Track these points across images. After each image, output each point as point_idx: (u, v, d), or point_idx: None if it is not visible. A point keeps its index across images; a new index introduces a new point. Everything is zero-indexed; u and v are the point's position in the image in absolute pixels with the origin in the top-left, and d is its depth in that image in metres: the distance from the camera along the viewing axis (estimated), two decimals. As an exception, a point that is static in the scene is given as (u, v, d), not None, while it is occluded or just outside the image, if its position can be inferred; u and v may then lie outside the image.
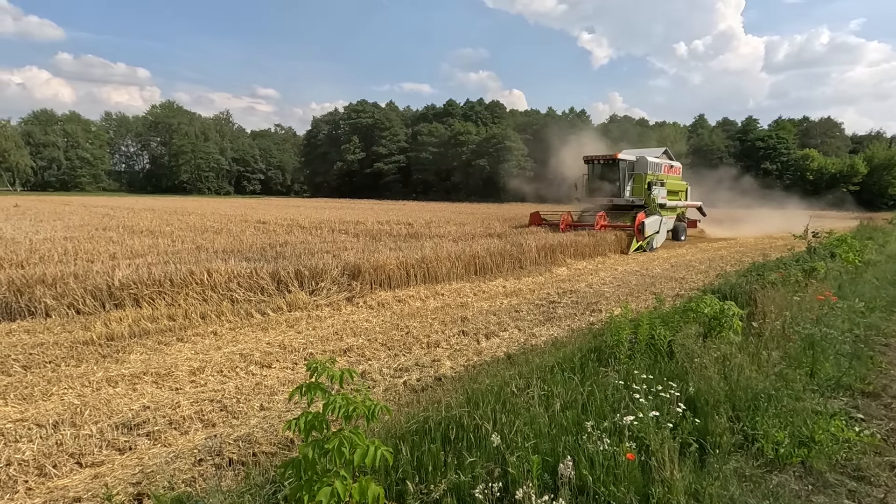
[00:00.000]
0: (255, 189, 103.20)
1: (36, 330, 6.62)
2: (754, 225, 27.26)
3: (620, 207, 18.95)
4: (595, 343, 5.06)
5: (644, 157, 19.42)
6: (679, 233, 21.02)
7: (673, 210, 20.85)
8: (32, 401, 4.53)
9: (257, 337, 6.54)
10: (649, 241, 16.86)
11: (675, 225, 21.02)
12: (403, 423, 3.23)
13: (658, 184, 19.07)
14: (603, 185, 19.40)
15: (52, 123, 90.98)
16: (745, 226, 26.97)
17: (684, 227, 21.84)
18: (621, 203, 18.93)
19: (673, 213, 20.83)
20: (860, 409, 3.92)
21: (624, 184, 18.80)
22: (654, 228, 17.16)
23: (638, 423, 2.97)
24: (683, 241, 20.75)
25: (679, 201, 21.60)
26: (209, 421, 4.22)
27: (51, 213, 24.95)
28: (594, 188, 19.71)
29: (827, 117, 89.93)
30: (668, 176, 20.59)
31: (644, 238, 16.50)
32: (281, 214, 27.31)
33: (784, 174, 77.85)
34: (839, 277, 8.80)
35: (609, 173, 19.19)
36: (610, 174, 19.14)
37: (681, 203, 21.80)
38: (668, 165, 21.04)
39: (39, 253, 10.11)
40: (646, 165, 19.15)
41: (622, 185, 18.79)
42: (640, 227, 16.43)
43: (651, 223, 16.88)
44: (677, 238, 20.79)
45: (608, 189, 19.25)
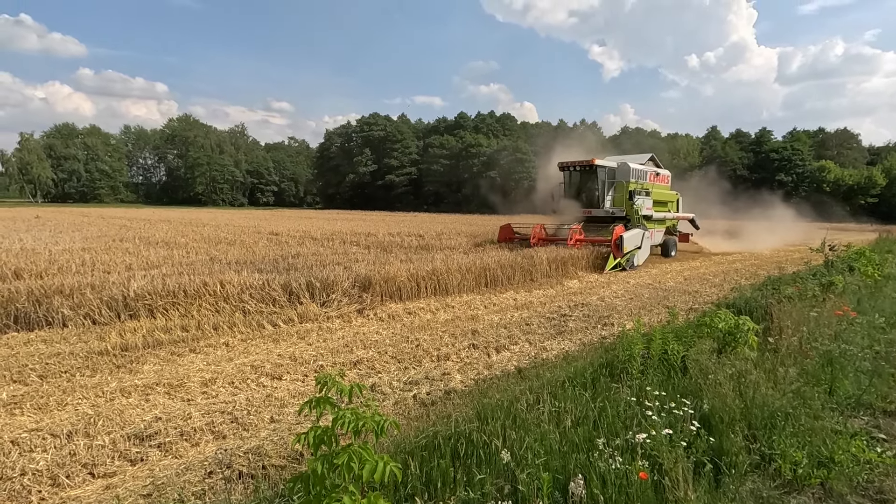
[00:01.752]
0: (268, 201, 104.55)
1: (53, 340, 6.73)
2: (762, 237, 25.65)
3: (600, 219, 17.12)
4: (607, 358, 5.00)
5: (626, 163, 17.55)
6: (669, 248, 19.22)
7: (661, 222, 19.14)
8: (48, 410, 4.60)
9: (268, 348, 6.58)
10: (629, 257, 14.89)
11: (665, 239, 19.41)
12: (413, 438, 3.21)
13: (642, 193, 17.34)
14: (581, 195, 17.52)
15: (72, 137, 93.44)
16: (752, 239, 25.13)
17: (674, 242, 19.97)
18: (600, 215, 17.08)
19: (661, 226, 19.18)
20: (882, 429, 3.80)
21: (603, 193, 17.01)
22: (634, 243, 15.16)
23: (651, 441, 2.92)
24: (674, 256, 19.07)
25: (668, 213, 19.74)
26: (220, 433, 4.24)
27: (70, 225, 25.49)
28: (571, 198, 17.77)
29: (843, 128, 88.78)
30: (654, 185, 18.72)
31: (623, 254, 14.52)
32: (293, 226, 27.59)
33: (800, 186, 76.79)
34: (858, 292, 8.61)
35: (587, 182, 17.35)
36: (588, 182, 17.31)
37: (670, 215, 19.90)
38: (653, 173, 19.08)
39: (58, 264, 10.31)
40: (628, 173, 17.24)
41: (601, 195, 16.99)
42: (619, 241, 14.43)
43: (631, 237, 14.89)
44: (667, 254, 19.05)
45: (586, 199, 17.37)
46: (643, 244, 15.70)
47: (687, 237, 21.65)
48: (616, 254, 14.43)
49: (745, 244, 23.85)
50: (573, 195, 17.64)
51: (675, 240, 20.21)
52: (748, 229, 27.15)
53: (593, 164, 16.52)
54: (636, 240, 15.27)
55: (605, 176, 17.04)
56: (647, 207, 17.34)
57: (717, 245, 23.12)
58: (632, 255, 14.98)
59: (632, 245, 14.93)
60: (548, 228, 17.25)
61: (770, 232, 26.86)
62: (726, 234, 25.85)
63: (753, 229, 27.11)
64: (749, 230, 26.86)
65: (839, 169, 75.52)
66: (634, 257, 15.19)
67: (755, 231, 26.73)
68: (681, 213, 21.21)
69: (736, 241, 24.51)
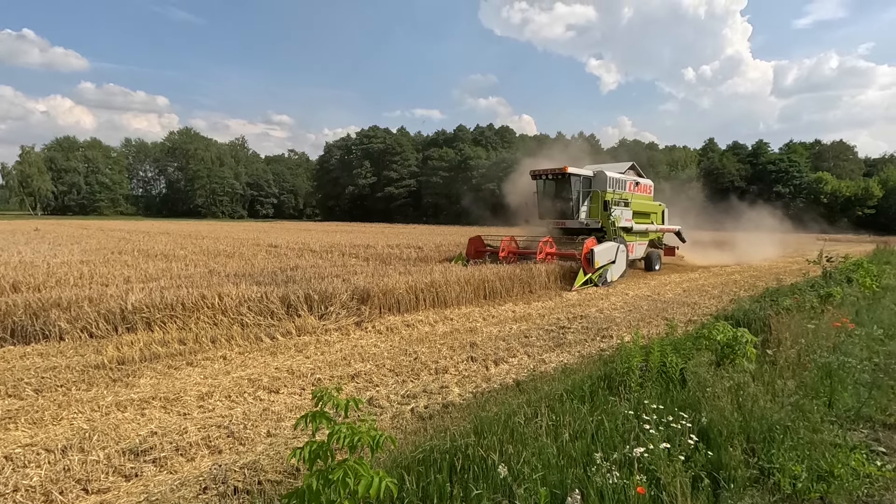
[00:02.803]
0: (267, 213, 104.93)
1: (49, 353, 6.70)
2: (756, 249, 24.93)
3: (575, 231, 16.25)
4: (605, 370, 4.99)
5: (602, 171, 16.54)
6: (652, 261, 18.31)
7: (643, 235, 18.23)
8: (42, 425, 4.56)
9: (266, 361, 6.55)
10: (602, 273, 13.87)
11: (648, 252, 18.47)
12: (409, 453, 3.19)
13: (621, 204, 16.55)
14: (555, 205, 16.53)
15: (73, 150, 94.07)
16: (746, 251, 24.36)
17: (658, 256, 18.99)
18: (574, 226, 16.16)
19: (643, 239, 18.29)
20: (881, 442, 3.78)
21: (578, 203, 16.01)
22: (608, 257, 14.06)
23: (649, 455, 2.90)
24: (658, 270, 18.26)
25: (650, 225, 18.71)
26: (216, 447, 4.20)
27: (69, 237, 25.51)
28: (545, 209, 16.90)
29: (839, 140, 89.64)
30: (633, 195, 17.75)
31: (595, 270, 13.53)
32: (292, 238, 27.62)
33: (797, 197, 77.19)
34: (856, 303, 8.62)
35: (561, 191, 16.30)
36: (562, 192, 16.26)
37: (653, 227, 18.88)
38: (633, 182, 18.05)
39: (56, 276, 10.30)
40: (605, 182, 16.26)
41: (576, 206, 15.98)
42: (589, 256, 13.39)
43: (603, 251, 13.84)
44: (650, 268, 18.19)
45: (560, 210, 16.39)
46: (618, 258, 14.55)
47: (673, 250, 20.77)
48: (587, 269, 13.45)
49: (737, 256, 23.27)
50: (547, 205, 16.80)
51: (660, 253, 19.36)
52: (742, 241, 26.47)
53: (566, 172, 15.56)
54: (609, 254, 14.19)
55: (580, 185, 16.08)
56: (626, 219, 16.58)
57: (707, 258, 22.35)
58: (605, 270, 13.94)
59: (604, 259, 13.92)
60: (520, 241, 16.26)
61: (765, 243, 26.36)
62: (717, 245, 25.19)
63: (749, 240, 26.45)
64: (743, 241, 26.26)
65: (836, 180, 76.02)
66: (608, 273, 14.09)
67: (749, 242, 26.08)
68: (666, 226, 20.23)
69: (728, 254, 23.82)
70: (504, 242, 15.51)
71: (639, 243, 17.78)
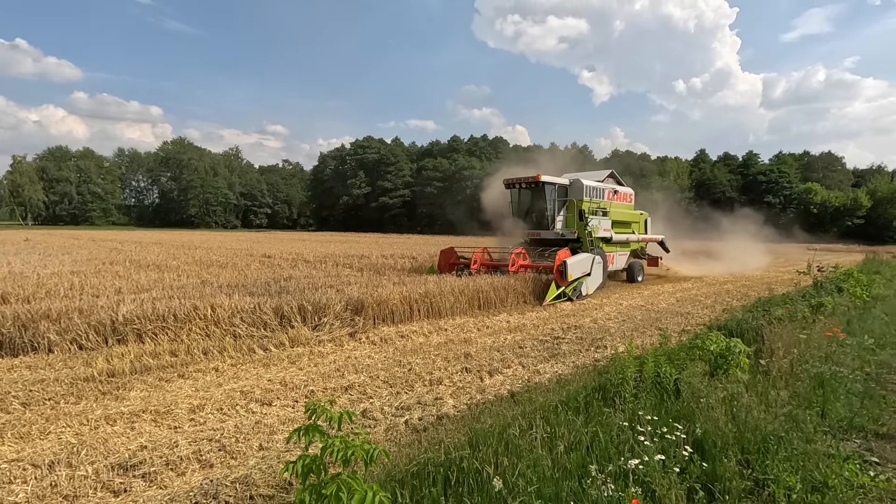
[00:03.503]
0: (261, 223, 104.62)
1: (37, 366, 6.60)
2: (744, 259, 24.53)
3: (550, 242, 15.56)
4: (600, 381, 4.98)
5: (579, 180, 15.97)
6: (634, 273, 17.81)
7: (625, 245, 17.74)
8: (29, 439, 4.48)
9: (259, 373, 6.49)
10: (577, 286, 13.12)
11: (630, 263, 18.06)
12: (403, 466, 3.16)
13: (599, 213, 16.03)
14: (530, 215, 15.94)
15: (66, 159, 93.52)
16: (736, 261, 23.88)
17: (641, 267, 18.42)
18: (550, 237, 15.50)
19: (624, 249, 17.82)
20: (874, 452, 3.80)
21: (554, 213, 15.37)
22: (582, 269, 13.31)
23: (644, 467, 2.90)
24: (640, 281, 17.79)
25: (631, 234, 18.11)
26: (207, 461, 4.14)
27: (60, 247, 25.26)
28: (519, 219, 16.24)
29: (828, 152, 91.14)
30: (612, 203, 17.14)
31: (568, 283, 12.78)
32: (286, 248, 27.52)
33: (788, 207, 78.15)
34: (847, 313, 8.70)
35: (535, 200, 15.73)
36: (536, 201, 15.69)
37: (634, 237, 18.26)
38: (612, 191, 17.33)
39: (46, 287, 10.18)
40: (581, 190, 15.64)
41: (551, 215, 15.35)
42: (562, 268, 12.66)
43: (577, 263, 13.09)
44: (632, 279, 17.67)
45: (535, 220, 15.77)
46: (593, 270, 13.77)
47: (657, 261, 20.20)
48: (560, 282, 12.69)
49: (726, 266, 22.86)
50: (521, 215, 16.17)
51: (642, 264, 18.82)
52: (731, 250, 26.05)
53: (539, 180, 14.88)
54: (584, 266, 13.41)
55: (555, 194, 15.41)
56: (604, 229, 16.05)
57: (694, 268, 21.85)
58: (579, 283, 13.22)
59: (578, 272, 13.16)
60: (493, 253, 15.69)
61: (753, 253, 26.12)
62: (705, 255, 24.72)
63: (739, 250, 26.06)
64: (732, 251, 25.85)
65: (825, 191, 77.14)
66: (582, 286, 13.34)
67: (739, 252, 25.67)
68: (649, 235, 19.57)
69: (717, 263, 23.37)
70: (476, 255, 14.87)
71: (619, 254, 17.39)
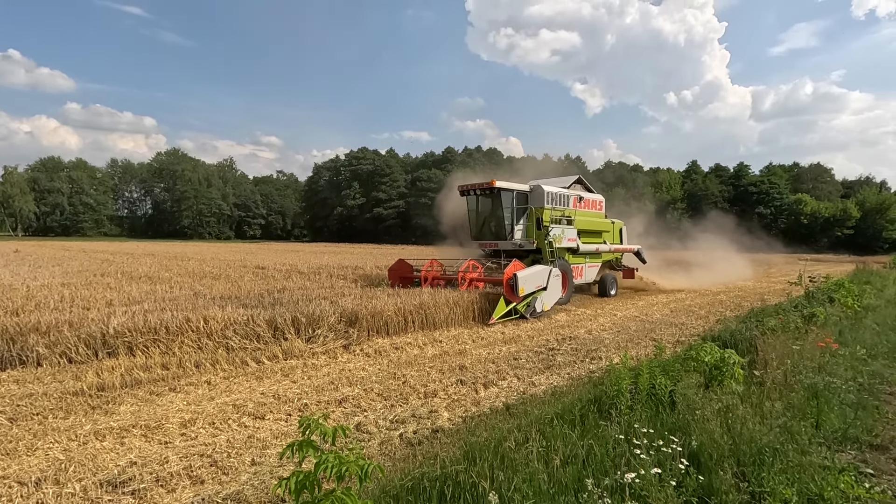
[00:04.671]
0: (255, 234, 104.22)
1: (26, 380, 6.49)
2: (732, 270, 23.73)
3: (509, 254, 14.42)
4: (595, 393, 4.97)
5: (539, 186, 14.85)
6: (607, 286, 16.72)
7: (595, 256, 16.67)
8: (16, 456, 4.39)
9: (251, 386, 6.42)
10: (530, 302, 11.91)
11: (602, 276, 17.01)
12: (398, 481, 3.12)
13: (563, 221, 15.00)
14: (488, 225, 14.88)
15: (58, 170, 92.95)
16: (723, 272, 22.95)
17: (614, 279, 17.28)
18: (508, 248, 14.46)
19: (595, 261, 16.76)
20: (869, 464, 3.80)
21: (512, 222, 14.35)
22: (536, 283, 12.03)
23: (640, 481, 2.88)
24: (613, 296, 16.72)
25: (602, 244, 17.04)
26: (198, 477, 4.07)
27: (50, 259, 25.00)
28: (476, 229, 15.28)
29: (817, 163, 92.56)
30: (578, 211, 15.92)
31: (520, 298, 11.57)
32: (280, 260, 27.40)
33: (778, 218, 79.01)
34: (839, 323, 8.77)
35: (493, 208, 14.67)
36: (493, 210, 14.62)
37: (605, 247, 17.14)
38: (577, 198, 16.07)
39: (36, 300, 10.05)
40: (542, 197, 14.59)
41: (510, 224, 14.32)
42: (512, 282, 11.45)
43: (530, 276, 11.83)
44: (604, 293, 16.61)
45: (493, 229, 14.72)
46: (550, 284, 12.38)
47: (632, 272, 18.97)
48: (510, 297, 11.46)
49: (713, 277, 21.92)
50: (479, 225, 15.24)
51: (615, 276, 17.67)
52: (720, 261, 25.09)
53: (493, 186, 13.82)
54: (538, 279, 12.12)
55: (513, 201, 14.33)
56: (569, 238, 14.99)
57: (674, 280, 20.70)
58: (533, 298, 11.99)
59: (531, 286, 11.87)
60: (447, 266, 14.49)
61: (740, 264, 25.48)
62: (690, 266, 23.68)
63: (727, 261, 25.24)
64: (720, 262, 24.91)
65: (815, 202, 78.11)
66: (537, 301, 12.04)
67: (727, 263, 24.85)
68: (624, 245, 18.52)
69: (704, 274, 22.29)
70: (426, 268, 13.84)
71: (589, 265, 16.39)
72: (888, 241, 70.55)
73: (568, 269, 14.46)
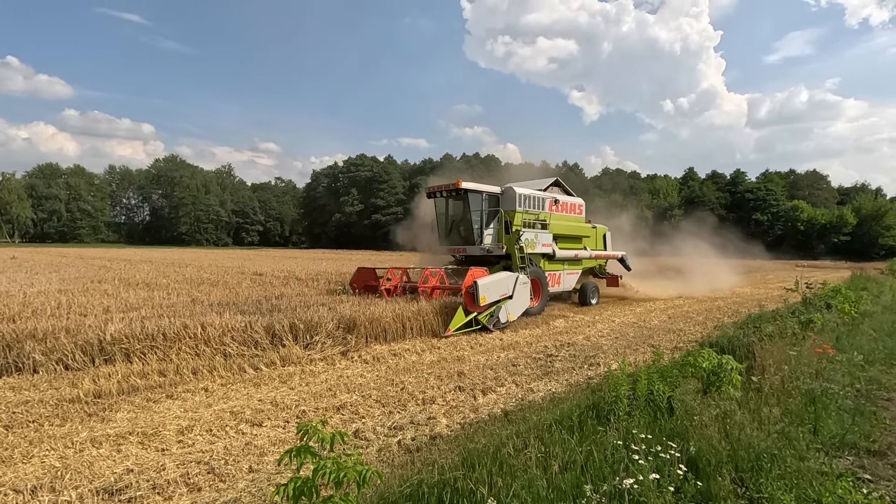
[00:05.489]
0: (253, 240, 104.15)
1: (22, 387, 6.46)
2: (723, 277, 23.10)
3: (479, 260, 13.64)
4: (593, 399, 4.97)
5: (511, 188, 13.81)
6: (587, 294, 15.58)
7: (574, 263, 15.77)
8: (11, 464, 4.36)
9: (249, 393, 6.39)
10: (493, 312, 10.86)
11: (583, 284, 15.99)
12: (396, 488, 3.12)
13: (537, 226, 14.05)
14: (458, 229, 13.99)
15: (56, 177, 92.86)
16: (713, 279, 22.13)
17: (595, 287, 16.18)
18: (476, 253, 13.51)
19: (575, 267, 15.84)
20: (867, 469, 3.81)
21: (482, 226, 13.41)
22: (500, 291, 11.05)
23: (638, 487, 2.88)
24: (594, 304, 15.67)
25: (581, 250, 16.11)
26: (195, 485, 4.05)
27: (47, 265, 24.92)
28: (445, 233, 14.36)
29: (813, 170, 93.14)
30: (554, 215, 14.94)
31: (482, 308, 10.57)
32: (278, 266, 27.35)
33: (775, 225, 79.36)
34: (836, 329, 8.79)
35: (461, 211, 13.80)
36: (463, 213, 13.74)
37: (585, 253, 16.18)
38: (552, 200, 15.03)
39: (32, 307, 10.01)
40: (513, 200, 13.57)
41: (479, 228, 13.40)
42: (472, 289, 10.41)
43: (493, 284, 10.81)
44: (585, 301, 15.49)
45: (462, 234, 13.83)
46: (516, 292, 11.41)
47: (616, 280, 17.96)
48: (470, 306, 10.45)
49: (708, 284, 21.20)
50: (448, 229, 14.29)
51: (598, 284, 16.72)
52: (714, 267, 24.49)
53: (459, 187, 12.92)
54: (502, 286, 11.11)
55: (482, 204, 13.49)
56: (542, 244, 14.08)
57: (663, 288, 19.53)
58: (497, 307, 10.95)
59: (495, 294, 10.86)
60: (412, 273, 13.70)
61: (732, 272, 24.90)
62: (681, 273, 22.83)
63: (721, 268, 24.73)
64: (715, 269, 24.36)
65: (812, 209, 78.54)
66: (500, 311, 11.00)
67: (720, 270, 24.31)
68: (607, 251, 17.59)
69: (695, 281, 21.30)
70: (388, 274, 12.99)
71: (568, 273, 15.50)
72: (884, 248, 70.88)
73: (542, 276, 13.70)
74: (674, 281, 21.31)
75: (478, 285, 10.42)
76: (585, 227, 16.81)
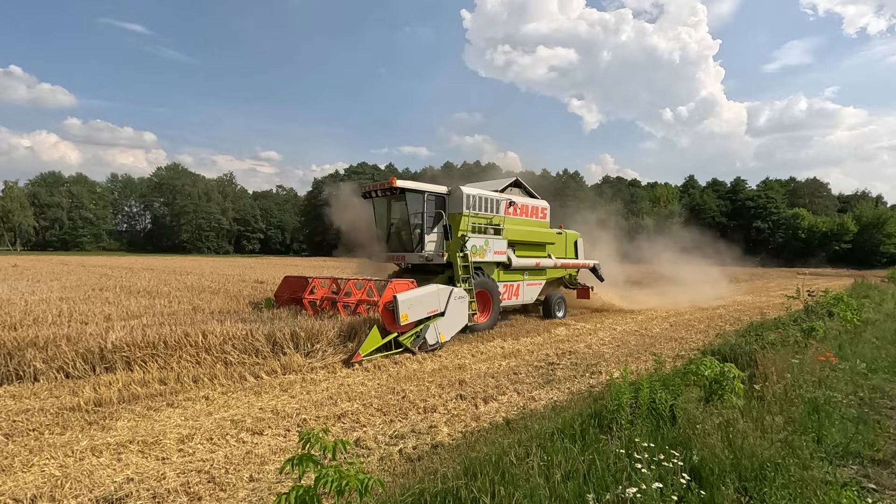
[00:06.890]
0: (254, 248, 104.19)
1: (22, 395, 6.45)
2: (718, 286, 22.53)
3: (420, 269, 12.35)
4: (595, 407, 4.96)
5: (458, 188, 12.08)
6: (552, 307, 14.21)
7: (536, 273, 14.07)
8: (11, 472, 4.34)
9: (250, 401, 6.38)
10: (420, 332, 9.32)
11: (548, 295, 14.47)
12: (398, 497, 3.10)
13: (488, 230, 12.41)
14: (397, 234, 12.41)
15: (58, 185, 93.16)
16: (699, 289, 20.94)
17: (561, 299, 14.67)
18: (416, 261, 11.80)
19: (537, 278, 14.18)
20: (871, 478, 3.78)
21: (423, 230, 11.66)
22: (429, 308, 9.48)
23: (641, 496, 2.87)
24: (561, 318, 14.29)
25: (545, 259, 14.37)
26: (195, 494, 4.03)
27: (49, 273, 24.95)
28: (382, 239, 12.76)
29: (813, 178, 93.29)
30: (509, 219, 13.22)
31: (404, 328, 9.09)
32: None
33: (776, 233, 79.35)
34: (839, 337, 8.76)
35: (400, 215, 12.30)
36: (401, 215, 12.25)
37: (549, 262, 14.45)
38: (508, 202, 13.21)
39: (34, 315, 10.02)
40: (460, 201, 11.90)
41: (420, 233, 11.69)
42: (392, 306, 8.94)
43: (418, 299, 9.30)
44: (549, 314, 14.17)
45: (400, 239, 12.26)
46: (449, 308, 9.87)
47: (587, 291, 16.22)
48: (390, 326, 8.97)
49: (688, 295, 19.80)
50: (387, 234, 12.70)
51: (562, 295, 15.01)
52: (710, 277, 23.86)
53: (394, 185, 11.29)
54: (431, 302, 9.57)
55: (423, 206, 11.63)
56: (495, 251, 12.43)
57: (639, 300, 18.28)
58: (425, 327, 9.39)
59: (421, 311, 9.32)
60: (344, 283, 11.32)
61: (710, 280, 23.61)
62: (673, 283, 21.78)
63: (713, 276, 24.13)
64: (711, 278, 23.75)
65: (812, 216, 78.58)
66: (427, 331, 9.41)
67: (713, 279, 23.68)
68: (578, 260, 15.92)
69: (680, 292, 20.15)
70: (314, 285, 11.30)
71: (528, 283, 13.88)
72: (886, 255, 70.81)
73: (492, 287, 12.15)
74: (648, 290, 20.32)
75: (398, 301, 8.86)
76: (549, 232, 14.82)
